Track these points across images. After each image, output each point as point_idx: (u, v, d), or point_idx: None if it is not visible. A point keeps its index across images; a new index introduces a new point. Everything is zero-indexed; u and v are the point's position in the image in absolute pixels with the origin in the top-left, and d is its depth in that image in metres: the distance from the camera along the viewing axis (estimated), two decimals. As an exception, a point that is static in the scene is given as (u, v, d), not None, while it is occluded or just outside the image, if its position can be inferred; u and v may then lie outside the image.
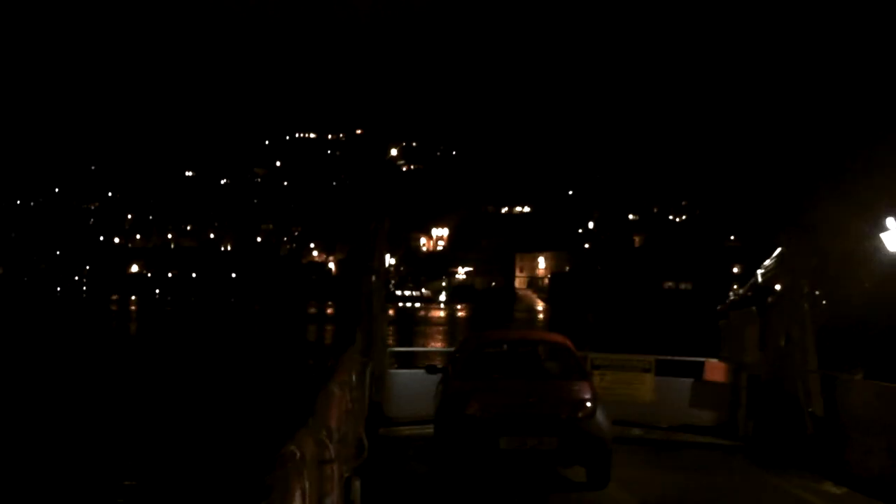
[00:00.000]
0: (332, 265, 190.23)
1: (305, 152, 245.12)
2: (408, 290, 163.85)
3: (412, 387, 13.53)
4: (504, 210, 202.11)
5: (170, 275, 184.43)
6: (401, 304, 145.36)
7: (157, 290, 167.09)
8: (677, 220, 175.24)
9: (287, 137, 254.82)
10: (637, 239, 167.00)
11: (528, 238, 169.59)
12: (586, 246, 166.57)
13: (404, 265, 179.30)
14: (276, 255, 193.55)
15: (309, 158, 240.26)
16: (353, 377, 7.75)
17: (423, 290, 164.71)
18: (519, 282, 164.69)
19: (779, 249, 12.64)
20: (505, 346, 12.08)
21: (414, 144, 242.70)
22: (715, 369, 14.06)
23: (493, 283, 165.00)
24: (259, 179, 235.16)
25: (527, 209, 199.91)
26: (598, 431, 9.67)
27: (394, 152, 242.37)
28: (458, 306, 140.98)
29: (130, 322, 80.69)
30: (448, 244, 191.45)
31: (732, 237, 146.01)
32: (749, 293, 13.48)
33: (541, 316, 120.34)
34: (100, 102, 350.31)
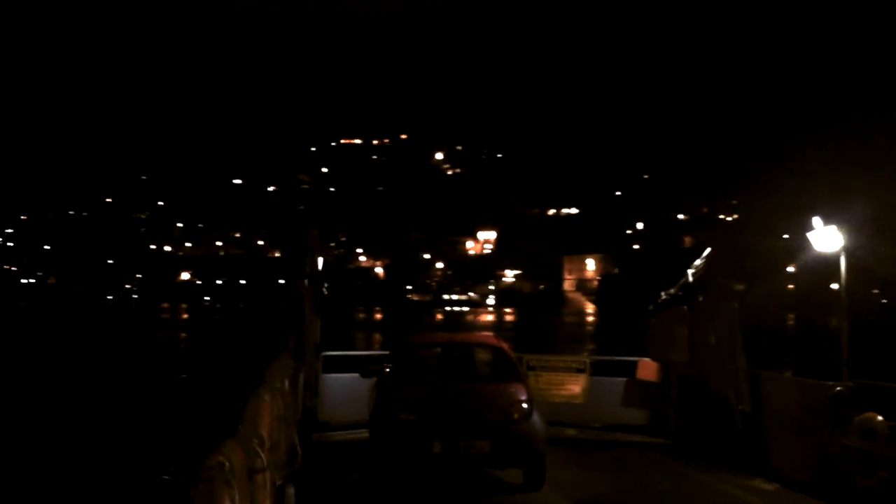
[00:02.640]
0: (378, 270, 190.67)
1: (351, 158, 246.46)
2: (455, 294, 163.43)
3: (347, 391, 13.43)
4: (551, 212, 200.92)
5: (219, 282, 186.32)
6: (447, 309, 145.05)
7: (207, 298, 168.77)
8: (728, 219, 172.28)
9: (332, 144, 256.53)
10: (687, 239, 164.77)
11: (576, 240, 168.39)
12: (635, 247, 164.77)
13: (451, 269, 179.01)
14: (325, 262, 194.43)
15: (354, 164, 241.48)
16: (286, 383, 7.41)
17: (471, 294, 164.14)
18: (567, 284, 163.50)
19: (708, 249, 12.82)
20: (439, 349, 11.92)
21: (459, 148, 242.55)
22: (646, 368, 14.08)
23: (541, 287, 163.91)
24: (305, 186, 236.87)
25: (574, 211, 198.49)
26: (532, 434, 9.65)
27: (439, 156, 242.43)
28: (507, 310, 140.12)
29: (178, 331, 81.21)
30: (495, 248, 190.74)
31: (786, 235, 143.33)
32: (679, 292, 13.40)
33: (590, 318, 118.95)
34: (150, 113, 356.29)
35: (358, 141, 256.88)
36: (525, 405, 9.78)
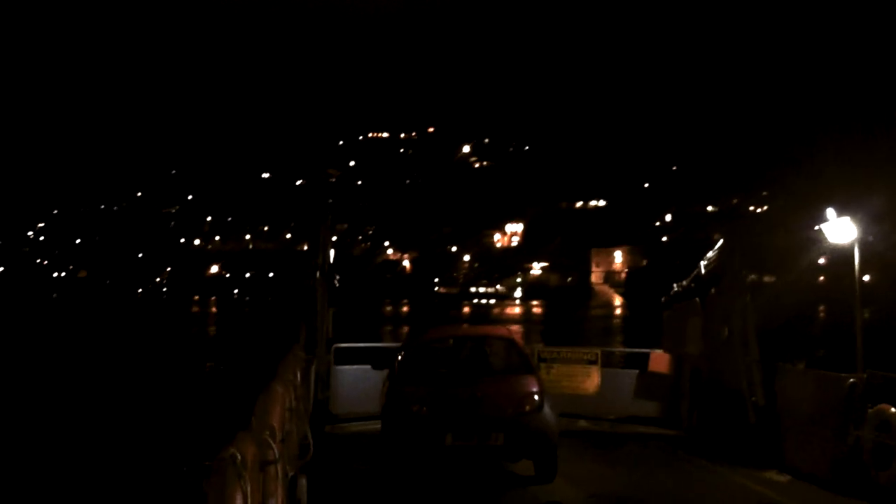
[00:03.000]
0: (406, 263, 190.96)
1: (378, 152, 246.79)
2: (482, 286, 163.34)
3: (358, 383, 13.44)
4: (579, 205, 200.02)
5: (247, 275, 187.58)
6: (475, 301, 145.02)
7: (236, 291, 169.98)
8: (758, 210, 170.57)
9: (360, 137, 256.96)
10: (717, 232, 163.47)
11: (604, 233, 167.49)
12: (664, 239, 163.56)
13: (478, 262, 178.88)
14: (350, 255, 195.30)
15: (382, 158, 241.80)
16: (298, 375, 7.44)
17: (498, 286, 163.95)
18: (595, 277, 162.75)
19: (721, 241, 12.72)
20: (451, 342, 11.94)
21: (486, 141, 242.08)
22: (659, 360, 13.99)
23: (569, 279, 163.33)
24: (333, 180, 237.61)
25: (602, 203, 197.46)
26: (544, 426, 9.64)
27: (466, 149, 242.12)
28: (534, 303, 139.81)
29: (208, 325, 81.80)
30: (522, 240, 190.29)
31: (817, 228, 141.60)
32: (692, 285, 13.33)
33: (618, 311, 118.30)
34: (180, 108, 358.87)
35: (385, 134, 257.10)
36: (537, 397, 9.75)
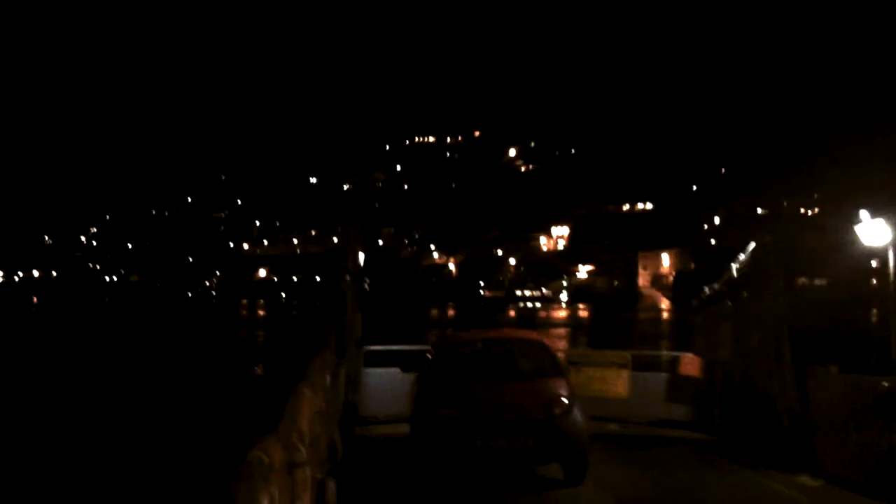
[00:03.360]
0: (452, 267, 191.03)
1: (424, 156, 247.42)
2: (528, 290, 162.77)
3: (387, 386, 13.45)
4: (625, 208, 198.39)
5: (295, 279, 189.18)
6: (521, 305, 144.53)
7: (283, 294, 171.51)
8: (809, 213, 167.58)
9: (407, 142, 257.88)
10: (767, 235, 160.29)
11: (651, 236, 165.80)
12: (712, 242, 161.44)
13: (524, 266, 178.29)
14: (397, 259, 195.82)
15: (428, 162, 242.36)
16: (327, 378, 7.39)
17: (544, 290, 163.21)
18: (642, 280, 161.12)
19: (753, 244, 12.57)
20: (480, 345, 11.81)
21: (532, 144, 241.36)
22: (690, 364, 13.86)
23: (615, 283, 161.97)
24: (380, 184, 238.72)
25: (649, 206, 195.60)
26: (574, 430, 9.52)
27: (512, 153, 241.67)
28: (580, 306, 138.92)
29: (256, 328, 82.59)
30: (568, 243, 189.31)
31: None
32: (724, 288, 13.22)
33: (665, 315, 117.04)
34: (229, 114, 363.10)
35: (432, 139, 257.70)
36: (566, 400, 9.69)
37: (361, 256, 14.09)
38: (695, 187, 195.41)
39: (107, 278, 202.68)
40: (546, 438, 9.42)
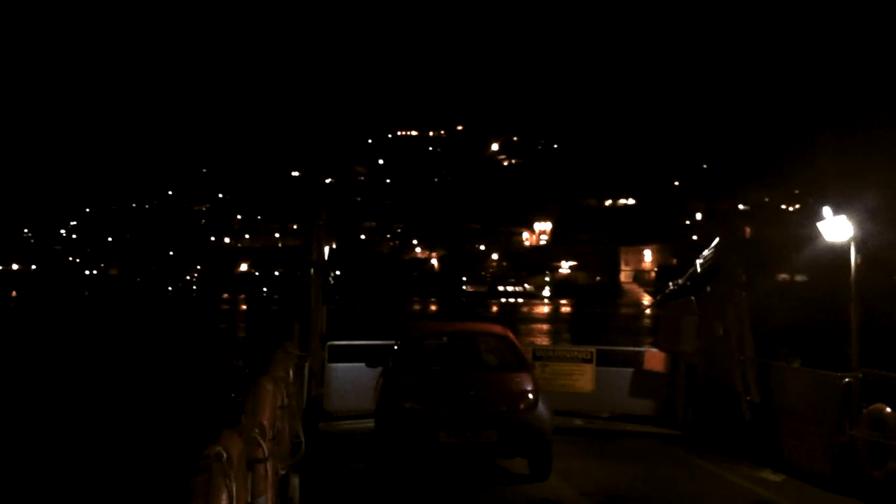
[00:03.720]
0: (434, 261, 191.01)
1: (407, 150, 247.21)
2: (509, 285, 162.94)
3: (352, 380, 13.42)
4: (607, 203, 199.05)
5: (276, 273, 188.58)
6: (503, 300, 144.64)
7: (265, 289, 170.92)
8: (790, 209, 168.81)
9: (389, 136, 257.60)
10: (748, 229, 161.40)
11: (633, 231, 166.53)
12: (694, 238, 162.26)
13: (506, 261, 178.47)
14: (378, 252, 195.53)
15: (410, 156, 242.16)
16: (290, 372, 7.35)
17: (526, 285, 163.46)
18: (624, 276, 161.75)
19: (717, 239, 12.74)
20: (445, 339, 11.89)
21: (515, 139, 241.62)
22: (654, 358, 13.97)
23: (598, 278, 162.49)
24: (362, 178, 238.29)
25: (631, 201, 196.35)
26: (538, 424, 9.58)
27: (495, 147, 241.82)
28: (562, 301, 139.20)
29: (238, 322, 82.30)
30: (551, 238, 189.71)
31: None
32: (688, 282, 13.31)
33: (648, 311, 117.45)
34: (210, 108, 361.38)
35: (414, 132, 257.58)
36: (531, 395, 9.70)
37: (326, 250, 13.97)
38: (677, 182, 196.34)
39: (87, 272, 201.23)
40: (510, 432, 9.45)
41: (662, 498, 9.42)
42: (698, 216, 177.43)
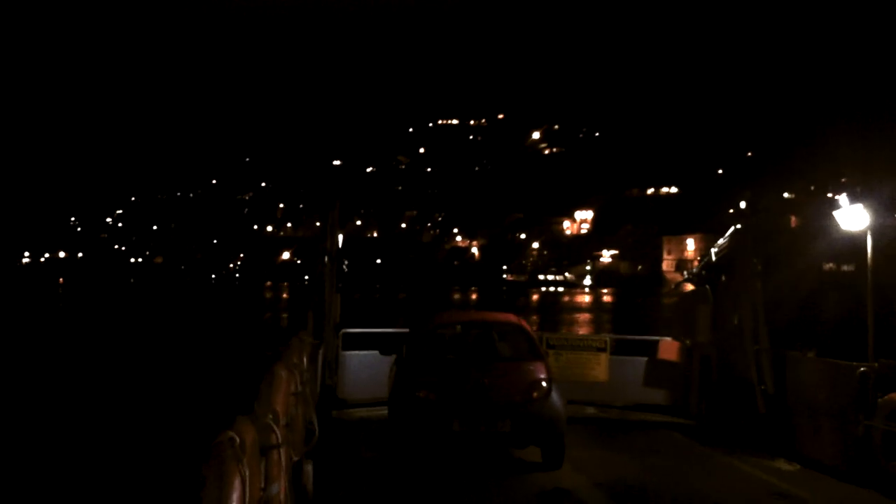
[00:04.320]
0: (475, 250, 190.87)
1: (448, 139, 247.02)
2: (550, 274, 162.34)
3: (366, 368, 13.44)
4: (650, 192, 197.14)
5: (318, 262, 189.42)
6: (543, 289, 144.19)
7: (307, 277, 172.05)
8: (836, 197, 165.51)
9: (430, 125, 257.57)
10: (793, 219, 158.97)
11: (676, 220, 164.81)
12: (738, 227, 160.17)
13: (547, 249, 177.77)
14: (419, 242, 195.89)
15: (451, 145, 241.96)
16: (304, 359, 7.35)
17: (567, 274, 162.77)
18: (666, 265, 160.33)
19: (732, 228, 12.63)
20: (459, 328, 11.83)
21: (556, 127, 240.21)
22: (668, 348, 13.84)
23: (639, 267, 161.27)
24: (403, 167, 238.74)
25: (674, 190, 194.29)
26: (552, 413, 9.51)
27: (536, 136, 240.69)
28: (604, 291, 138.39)
29: (281, 311, 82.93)
30: (592, 227, 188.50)
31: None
32: (703, 272, 13.18)
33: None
34: (256, 98, 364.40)
35: (455, 122, 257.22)
36: (545, 384, 9.67)
37: (340, 238, 14.00)
38: (721, 171, 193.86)
39: (132, 260, 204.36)
40: (524, 422, 9.42)
41: (676, 488, 9.37)
42: (742, 205, 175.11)
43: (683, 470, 10.10)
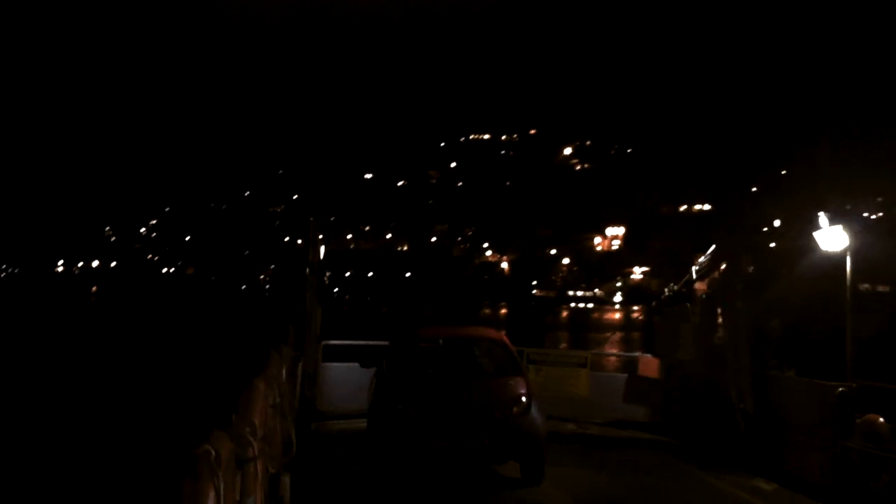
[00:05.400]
0: (504, 265, 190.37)
1: (479, 153, 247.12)
2: (580, 290, 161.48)
3: (346, 381, 13.62)
4: (682, 208, 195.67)
5: (347, 274, 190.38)
6: (572, 305, 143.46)
7: (336, 290, 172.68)
8: (872, 217, 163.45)
9: (461, 139, 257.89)
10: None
11: (708, 237, 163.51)
12: (772, 245, 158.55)
13: (577, 266, 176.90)
14: (449, 256, 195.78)
15: (483, 159, 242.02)
16: (283, 372, 7.28)
17: (597, 291, 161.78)
18: (699, 282, 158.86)
19: (713, 247, 12.83)
20: (440, 342, 11.82)
21: (588, 143, 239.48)
22: (648, 365, 13.80)
23: (672, 284, 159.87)
24: (434, 181, 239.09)
25: (706, 207, 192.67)
26: (531, 429, 9.53)
27: (567, 151, 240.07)
28: (634, 308, 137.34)
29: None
30: (623, 244, 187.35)
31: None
32: (684, 290, 13.36)
33: (720, 320, 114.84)
34: (288, 111, 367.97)
35: (486, 136, 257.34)
36: (524, 399, 9.61)
37: (322, 250, 14.05)
38: (755, 188, 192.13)
39: (164, 270, 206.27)
40: (503, 437, 9.36)
41: None
42: (776, 223, 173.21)
43: (663, 487, 10.32)
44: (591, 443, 12.59)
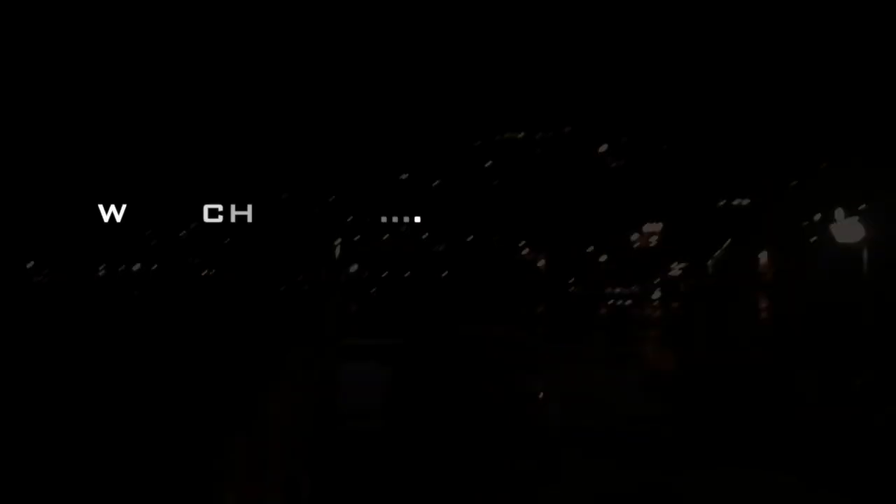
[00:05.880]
0: (541, 263, 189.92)
1: (514, 152, 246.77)
2: (618, 287, 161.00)
3: (364, 380, 13.14)
4: (721, 203, 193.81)
5: (384, 275, 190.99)
6: (611, 302, 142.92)
7: (373, 290, 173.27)
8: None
9: (496, 138, 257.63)
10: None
11: (748, 233, 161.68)
12: (812, 239, 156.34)
13: (614, 263, 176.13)
14: (485, 255, 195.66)
15: (517, 158, 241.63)
16: (302, 373, 7.18)
17: (634, 287, 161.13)
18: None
19: (729, 241, 11.44)
20: (458, 340, 11.37)
21: (624, 140, 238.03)
22: (666, 360, 13.04)
23: (693, 280, 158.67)
24: (468, 181, 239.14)
25: (745, 202, 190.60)
26: (548, 425, 9.01)
27: (603, 149, 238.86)
28: (673, 304, 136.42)
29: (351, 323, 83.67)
30: (661, 240, 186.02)
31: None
32: (701, 285, 12.19)
33: (763, 315, 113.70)
34: (322, 111, 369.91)
35: (521, 135, 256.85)
36: (542, 396, 9.49)
37: (338, 250, 13.77)
38: (795, 182, 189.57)
39: (203, 272, 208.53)
40: (520, 434, 9.24)
41: (672, 500, 9.23)
42: (816, 217, 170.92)
43: (680, 482, 10.12)
44: (608, 438, 12.47)
